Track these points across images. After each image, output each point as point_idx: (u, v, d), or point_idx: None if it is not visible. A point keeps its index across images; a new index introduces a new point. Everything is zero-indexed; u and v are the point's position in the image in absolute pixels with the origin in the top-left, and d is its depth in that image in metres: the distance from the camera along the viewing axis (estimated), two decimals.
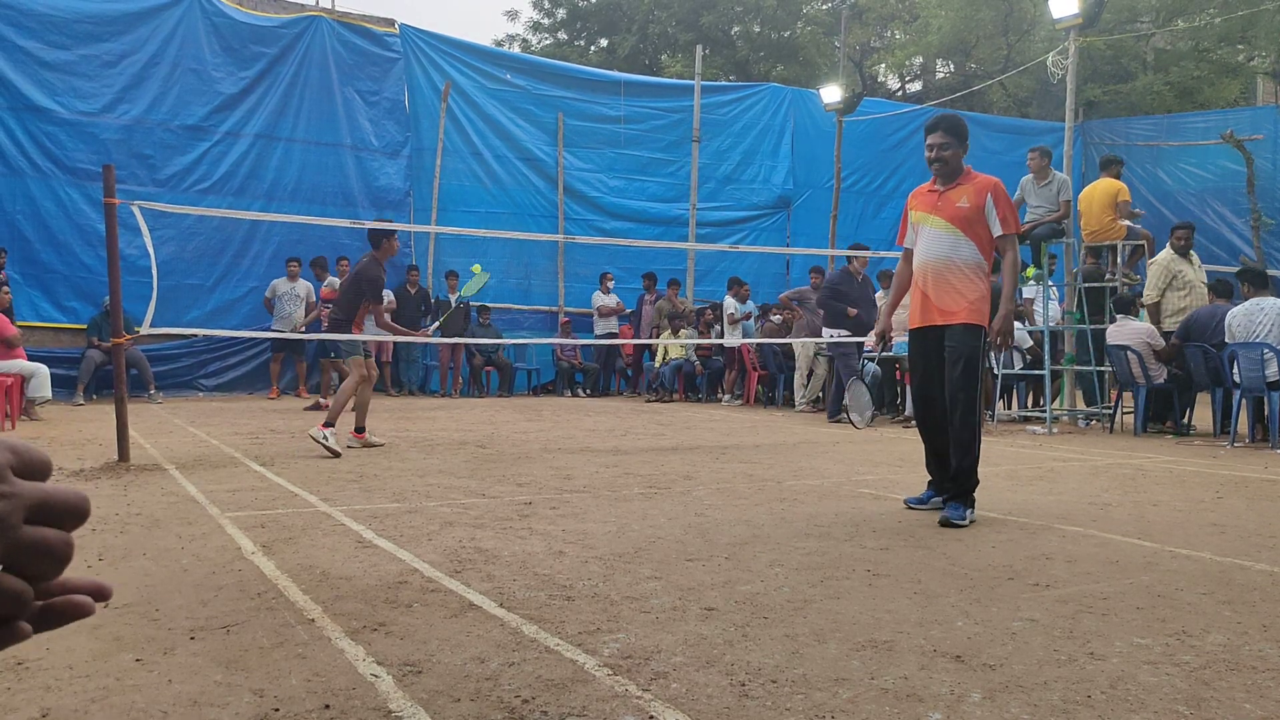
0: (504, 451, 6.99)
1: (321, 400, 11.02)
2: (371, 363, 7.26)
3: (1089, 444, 8.02)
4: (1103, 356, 9.51)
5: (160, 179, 12.59)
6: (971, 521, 4.31)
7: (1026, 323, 10.50)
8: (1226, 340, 7.91)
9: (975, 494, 4.46)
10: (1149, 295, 9.13)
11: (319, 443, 6.58)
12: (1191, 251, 9.21)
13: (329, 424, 6.76)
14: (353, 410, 7.17)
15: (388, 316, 8.19)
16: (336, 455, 6.51)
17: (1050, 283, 9.92)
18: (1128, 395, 9.31)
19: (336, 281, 11.85)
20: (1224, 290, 8.63)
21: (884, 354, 10.98)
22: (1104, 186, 9.84)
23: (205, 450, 6.77)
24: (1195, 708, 2.15)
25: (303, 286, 12.79)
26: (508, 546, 3.74)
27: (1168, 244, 9.34)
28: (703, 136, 15.92)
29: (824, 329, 10.36)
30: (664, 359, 14.00)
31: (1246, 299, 7.99)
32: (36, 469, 0.63)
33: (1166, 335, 8.82)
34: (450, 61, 14.69)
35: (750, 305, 13.75)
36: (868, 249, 10.69)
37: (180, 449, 6.80)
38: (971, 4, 20.37)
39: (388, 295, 13.40)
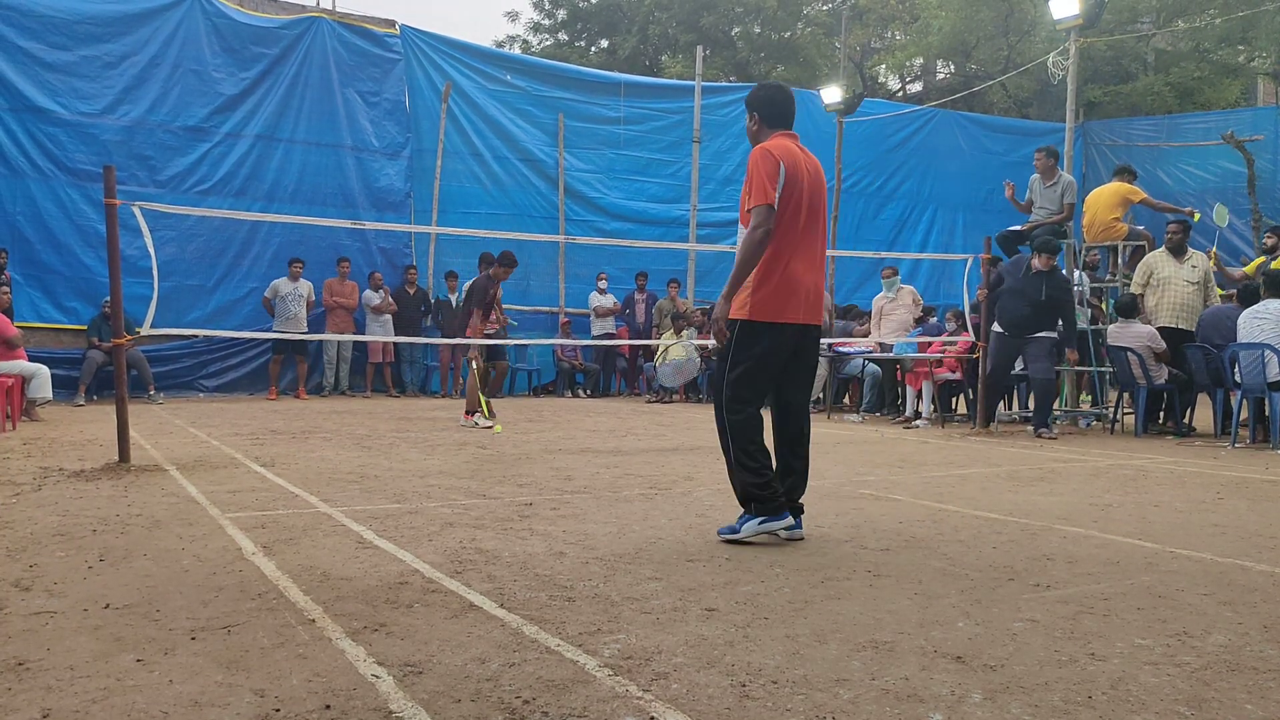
0: (504, 452, 7.00)
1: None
2: (495, 365, 9.53)
3: (1089, 445, 8.02)
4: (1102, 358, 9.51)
5: (161, 180, 12.60)
6: (745, 538, 3.80)
7: None
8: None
9: (761, 504, 3.83)
10: (1133, 289, 9.14)
11: (471, 428, 8.67)
12: (1191, 250, 9.15)
13: (469, 412, 9.02)
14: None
15: (475, 321, 9.21)
16: (489, 427, 8.61)
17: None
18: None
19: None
20: (1248, 295, 8.52)
21: (886, 355, 11.01)
22: (1113, 188, 9.82)
23: (206, 451, 6.77)
24: (1196, 709, 2.15)
25: (305, 286, 12.80)
26: (508, 547, 3.74)
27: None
28: (703, 137, 15.92)
29: (992, 327, 8.93)
30: (663, 359, 13.98)
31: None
32: None
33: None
34: (451, 62, 14.70)
35: None
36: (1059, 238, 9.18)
37: (181, 450, 6.81)
38: (972, 5, 20.37)
39: (387, 297, 13.45)
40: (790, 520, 3.89)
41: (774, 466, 3.95)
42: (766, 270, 3.84)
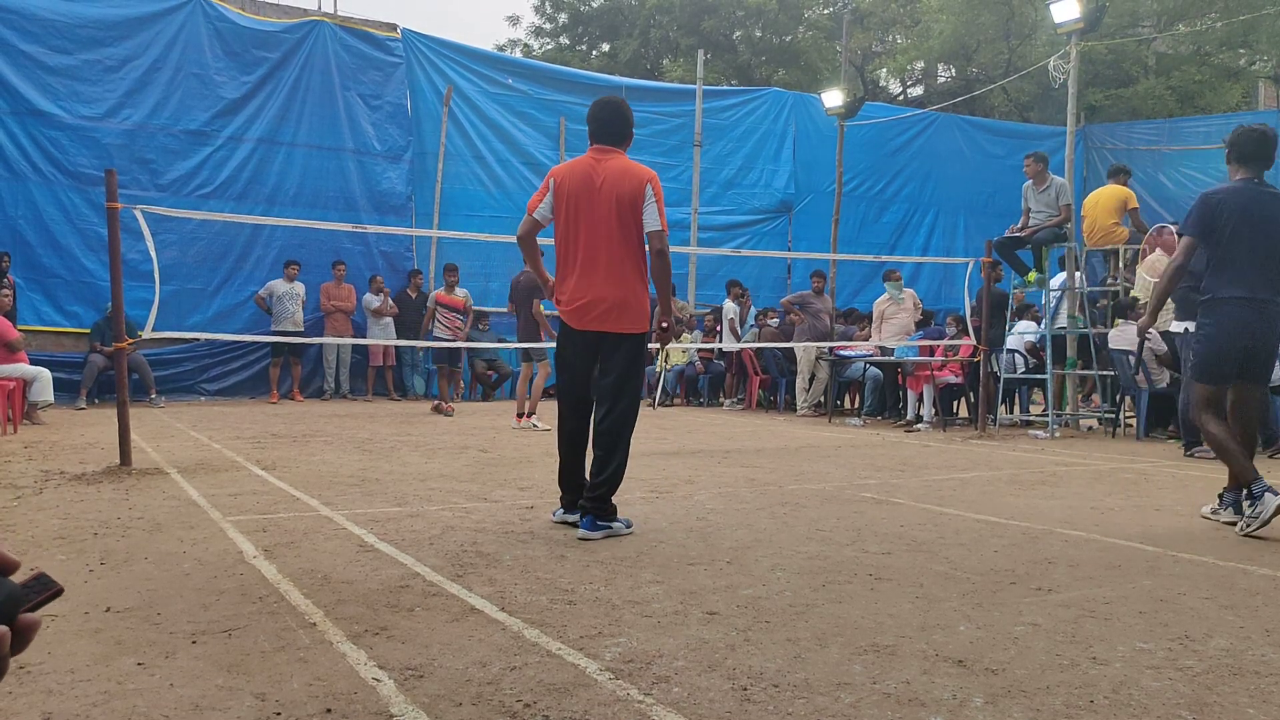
0: (505, 455, 6.99)
1: (444, 404, 11.08)
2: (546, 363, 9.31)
3: (1091, 448, 8.01)
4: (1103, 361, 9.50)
5: (162, 184, 12.60)
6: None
7: (1043, 325, 10.44)
8: None
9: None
10: (1135, 293, 9.14)
11: (530, 430, 8.75)
12: None
13: (531, 414, 9.03)
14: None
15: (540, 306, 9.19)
16: (549, 430, 8.32)
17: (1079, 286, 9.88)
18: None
19: (463, 292, 11.55)
20: None
21: (886, 359, 11.01)
22: (1111, 191, 9.84)
23: (207, 454, 6.77)
24: (1198, 713, 2.14)
25: (300, 287, 12.81)
26: (509, 550, 3.74)
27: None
28: (704, 141, 15.93)
29: (1173, 321, 7.71)
30: (664, 364, 13.99)
31: None
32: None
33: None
34: (452, 66, 14.71)
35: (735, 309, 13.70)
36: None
37: (182, 453, 6.81)
38: (973, 8, 20.37)
39: (387, 300, 13.45)
40: (568, 517, 4.31)
41: (571, 467, 4.37)
42: (558, 280, 4.44)
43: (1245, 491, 4.27)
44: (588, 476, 4.24)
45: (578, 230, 4.31)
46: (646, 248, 4.32)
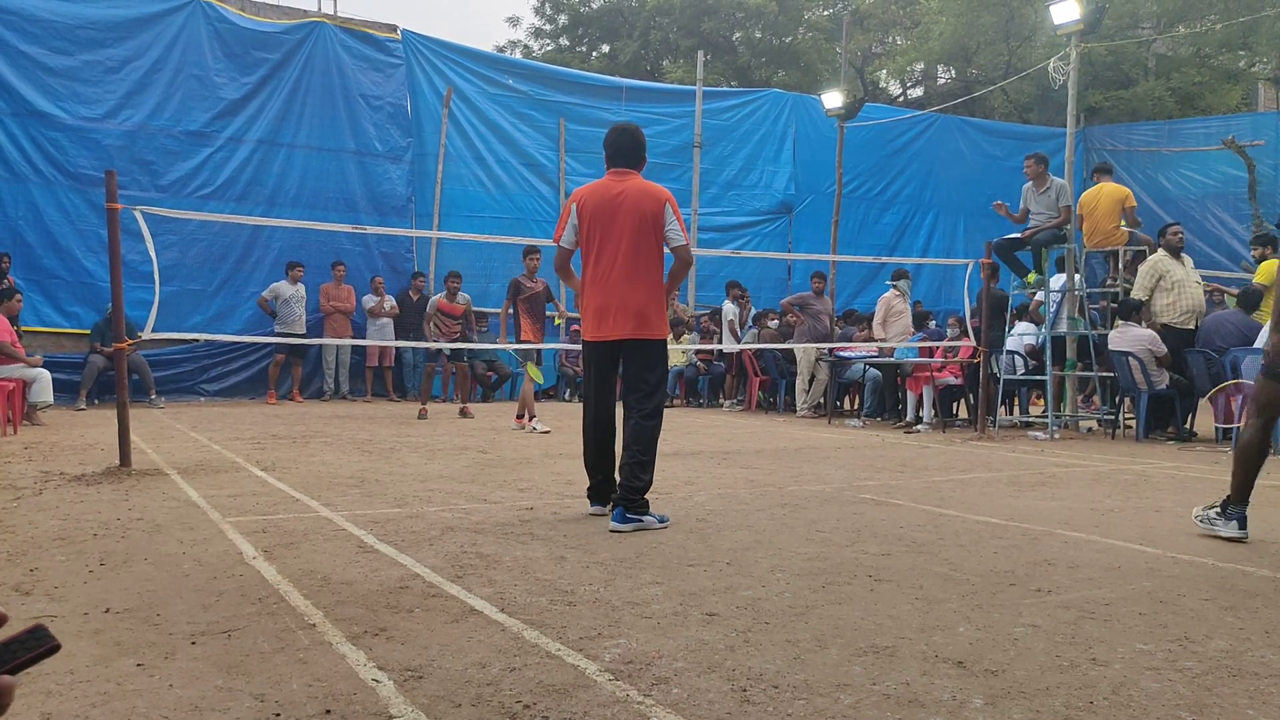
0: (505, 457, 6.99)
1: (423, 407, 11.02)
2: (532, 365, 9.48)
3: (1091, 449, 8.01)
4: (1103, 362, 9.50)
5: (163, 185, 12.61)
6: None
7: (1044, 327, 10.44)
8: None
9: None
10: (1137, 294, 9.14)
11: (531, 433, 8.76)
12: (1183, 253, 9.23)
13: (532, 416, 9.09)
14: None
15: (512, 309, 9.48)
16: (548, 432, 8.70)
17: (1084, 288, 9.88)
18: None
19: (464, 298, 11.46)
20: (1249, 300, 8.50)
21: (886, 359, 11.01)
22: (1110, 191, 9.84)
23: (206, 455, 6.77)
24: (1198, 714, 2.14)
25: (303, 289, 12.83)
26: (509, 551, 3.74)
27: (1160, 243, 9.34)
28: (705, 142, 15.93)
29: None
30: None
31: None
32: None
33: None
34: (452, 67, 14.72)
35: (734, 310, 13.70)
36: None
37: (182, 454, 6.81)
38: (973, 10, 20.39)
39: (390, 300, 13.45)
40: (594, 509, 4.64)
41: (593, 463, 4.67)
42: (583, 298, 4.69)
43: (1225, 503, 4.19)
44: (620, 476, 4.43)
45: (601, 245, 4.57)
46: (670, 257, 4.66)
